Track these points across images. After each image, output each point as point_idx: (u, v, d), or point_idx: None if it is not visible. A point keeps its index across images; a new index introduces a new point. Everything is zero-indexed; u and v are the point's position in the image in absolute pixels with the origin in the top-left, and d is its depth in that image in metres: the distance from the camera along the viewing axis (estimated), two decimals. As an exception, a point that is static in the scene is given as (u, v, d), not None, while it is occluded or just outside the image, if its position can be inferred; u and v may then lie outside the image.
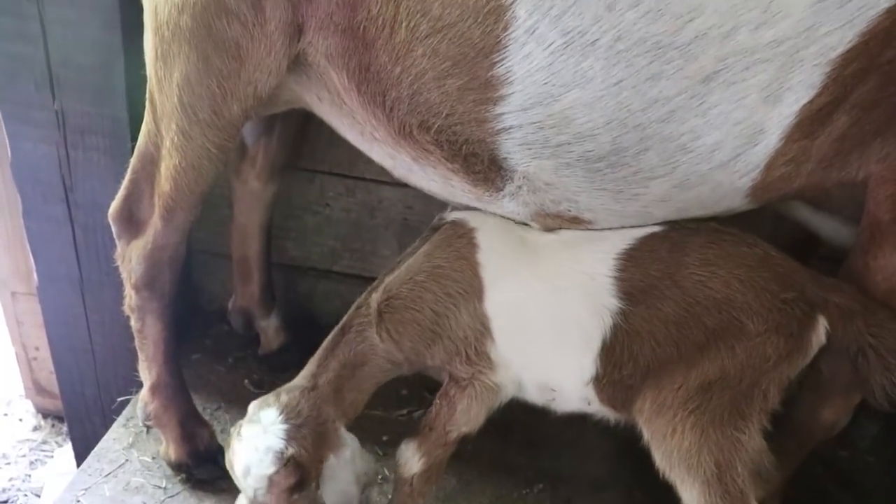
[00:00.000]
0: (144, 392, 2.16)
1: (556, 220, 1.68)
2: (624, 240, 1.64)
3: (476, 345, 1.70)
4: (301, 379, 1.74)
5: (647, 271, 1.59)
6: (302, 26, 1.57)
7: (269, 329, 2.57)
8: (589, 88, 1.41)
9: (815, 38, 1.35)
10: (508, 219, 1.76)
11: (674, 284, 1.57)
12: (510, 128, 1.49)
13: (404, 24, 1.46)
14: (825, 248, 1.82)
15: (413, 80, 1.50)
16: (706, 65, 1.37)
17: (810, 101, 1.41)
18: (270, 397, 1.68)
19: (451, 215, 1.79)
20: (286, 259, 2.67)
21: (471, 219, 1.76)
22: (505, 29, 1.39)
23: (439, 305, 1.70)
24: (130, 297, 2.02)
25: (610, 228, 1.67)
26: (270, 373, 2.54)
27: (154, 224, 1.90)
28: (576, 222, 1.68)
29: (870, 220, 1.56)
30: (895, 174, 1.49)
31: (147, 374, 2.13)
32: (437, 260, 1.72)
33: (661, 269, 1.58)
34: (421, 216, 2.49)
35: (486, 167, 1.57)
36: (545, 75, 1.41)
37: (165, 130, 1.74)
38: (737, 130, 1.44)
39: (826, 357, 1.57)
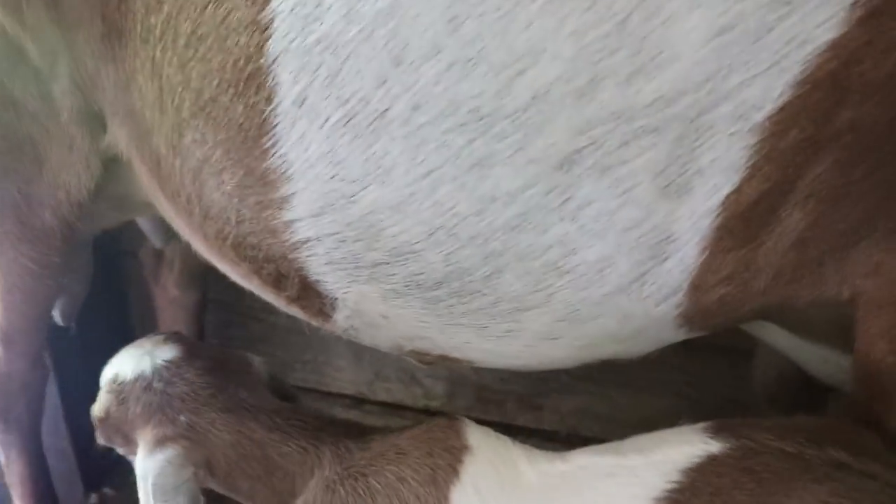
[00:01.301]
0: None
1: (426, 357, 1.21)
2: (663, 474, 0.97)
3: None
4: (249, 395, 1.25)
5: None
6: (102, 115, 1.21)
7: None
8: (391, 183, 0.94)
9: (724, 92, 0.83)
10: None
11: None
12: (307, 241, 1.04)
13: (169, 102, 1.06)
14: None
15: (193, 175, 1.10)
16: (558, 141, 0.88)
17: (737, 191, 0.89)
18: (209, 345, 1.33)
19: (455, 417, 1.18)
20: (235, 371, 2.29)
21: (471, 429, 1.14)
22: (269, 101, 0.96)
23: None
24: None
25: (638, 451, 1.02)
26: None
27: None
28: (450, 361, 1.19)
29: (864, 370, 0.99)
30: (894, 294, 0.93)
31: None
32: (406, 469, 1.11)
33: None
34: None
35: (298, 291, 1.13)
36: (328, 166, 0.96)
37: None
38: (630, 239, 0.93)
39: None
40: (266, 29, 0.93)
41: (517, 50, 0.84)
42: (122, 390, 1.22)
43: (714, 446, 0.97)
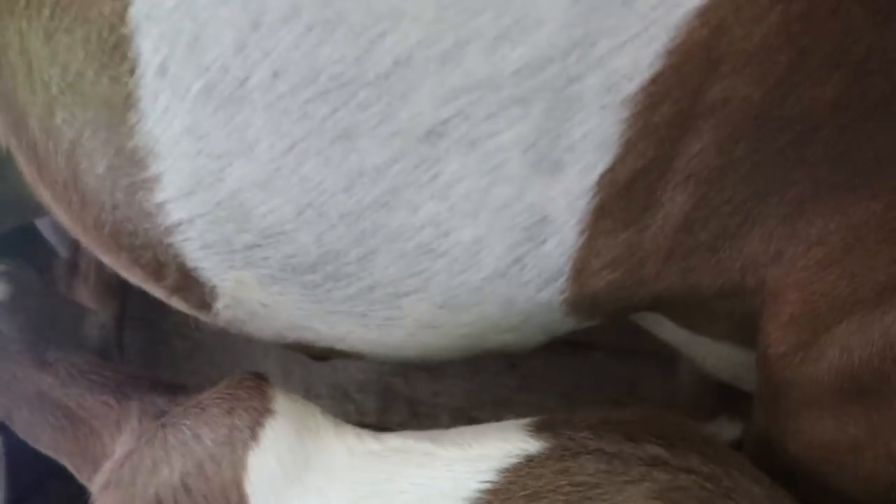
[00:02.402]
0: None
1: (312, 350, 1.16)
2: (477, 472, 0.91)
3: None
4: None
5: None
6: None
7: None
8: (256, 158, 0.90)
9: (592, 60, 0.80)
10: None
11: None
12: (180, 223, 0.99)
13: (38, 79, 1.01)
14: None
15: (66, 159, 1.04)
16: (423, 111, 0.84)
17: (611, 170, 0.85)
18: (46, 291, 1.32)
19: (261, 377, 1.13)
20: (163, 390, 2.21)
21: (278, 394, 1.07)
22: (132, 73, 0.91)
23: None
24: None
25: (457, 444, 0.97)
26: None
27: None
28: (337, 353, 1.14)
29: (761, 365, 0.95)
30: (795, 290, 0.89)
31: None
32: (202, 427, 1.03)
33: None
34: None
35: (178, 280, 1.07)
36: (193, 141, 0.91)
37: None
38: (504, 220, 0.89)
39: None
40: None
41: (377, 11, 0.80)
42: None
43: (532, 445, 0.93)
